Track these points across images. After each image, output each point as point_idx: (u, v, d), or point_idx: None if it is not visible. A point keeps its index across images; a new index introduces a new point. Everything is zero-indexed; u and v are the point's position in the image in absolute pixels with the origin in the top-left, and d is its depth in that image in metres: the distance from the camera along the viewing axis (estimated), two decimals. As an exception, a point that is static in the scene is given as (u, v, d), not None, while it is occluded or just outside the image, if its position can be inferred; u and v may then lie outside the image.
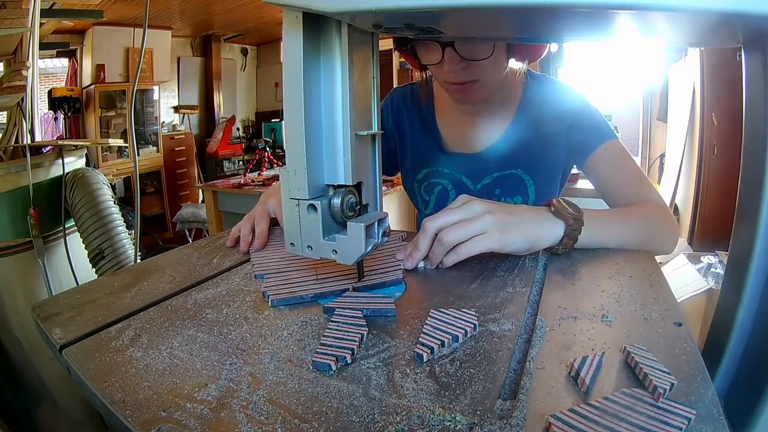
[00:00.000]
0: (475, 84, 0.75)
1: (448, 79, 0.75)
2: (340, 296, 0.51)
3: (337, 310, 0.47)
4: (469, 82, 0.75)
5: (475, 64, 0.72)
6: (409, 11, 0.36)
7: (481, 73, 0.74)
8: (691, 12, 0.31)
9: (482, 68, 0.73)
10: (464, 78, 0.74)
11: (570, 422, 0.30)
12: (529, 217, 0.59)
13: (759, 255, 0.38)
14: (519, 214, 0.59)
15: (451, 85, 0.76)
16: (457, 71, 0.73)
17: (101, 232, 1.75)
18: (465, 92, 0.77)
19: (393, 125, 0.96)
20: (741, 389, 0.39)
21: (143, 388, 0.37)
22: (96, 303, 0.54)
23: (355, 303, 0.49)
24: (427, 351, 0.39)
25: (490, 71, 0.75)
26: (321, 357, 0.39)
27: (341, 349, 0.40)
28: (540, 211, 0.60)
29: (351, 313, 0.46)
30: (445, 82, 0.77)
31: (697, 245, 2.51)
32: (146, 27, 1.60)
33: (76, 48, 4.27)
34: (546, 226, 0.58)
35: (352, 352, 0.40)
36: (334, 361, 0.38)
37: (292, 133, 0.44)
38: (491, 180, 0.87)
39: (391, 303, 0.48)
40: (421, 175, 0.92)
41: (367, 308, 0.48)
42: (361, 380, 0.37)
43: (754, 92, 0.40)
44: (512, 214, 0.58)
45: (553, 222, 0.58)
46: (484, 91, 0.79)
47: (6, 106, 1.90)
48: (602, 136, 0.81)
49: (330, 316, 0.47)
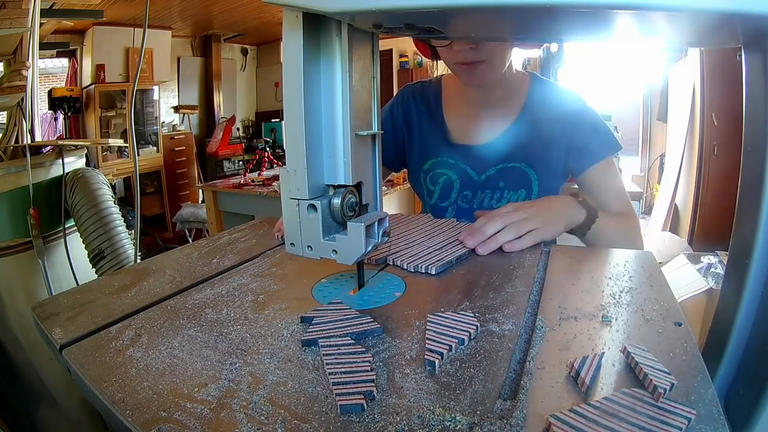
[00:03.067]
0: (483, 64, 0.79)
1: (458, 59, 0.80)
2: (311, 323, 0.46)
3: (320, 341, 0.42)
4: (477, 62, 0.79)
5: (483, 45, 0.77)
6: (409, 11, 0.36)
7: (488, 54, 0.78)
8: (691, 12, 0.31)
9: (489, 49, 0.78)
10: (473, 58, 0.78)
11: (570, 422, 0.30)
12: (560, 206, 0.74)
13: (759, 255, 0.38)
14: (554, 208, 0.73)
15: (460, 66, 0.81)
16: (465, 51, 0.77)
17: (101, 232, 1.75)
18: (473, 72, 0.81)
19: (402, 119, 0.99)
20: (741, 389, 0.39)
21: (143, 388, 0.37)
22: (96, 303, 0.54)
23: (337, 329, 0.44)
24: (437, 357, 0.38)
25: (497, 52, 0.80)
26: (347, 399, 0.34)
27: (361, 383, 0.36)
28: (569, 199, 0.75)
29: (340, 341, 0.42)
30: (455, 63, 0.81)
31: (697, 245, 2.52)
32: (146, 27, 1.59)
33: (76, 48, 4.26)
34: (573, 211, 0.73)
35: (374, 383, 0.36)
36: (363, 398, 0.34)
37: (292, 133, 0.44)
38: (495, 172, 0.90)
39: (373, 323, 0.45)
40: (427, 166, 0.95)
41: (352, 332, 0.44)
42: (361, 380, 0.37)
43: (754, 92, 0.40)
44: (550, 210, 0.71)
45: (578, 209, 0.73)
46: (491, 73, 0.82)
47: (6, 106, 1.90)
48: (604, 150, 0.86)
49: (318, 349, 0.42)
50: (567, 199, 0.75)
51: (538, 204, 0.73)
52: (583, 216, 0.73)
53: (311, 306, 0.50)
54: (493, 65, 0.81)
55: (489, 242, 0.65)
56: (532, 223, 0.67)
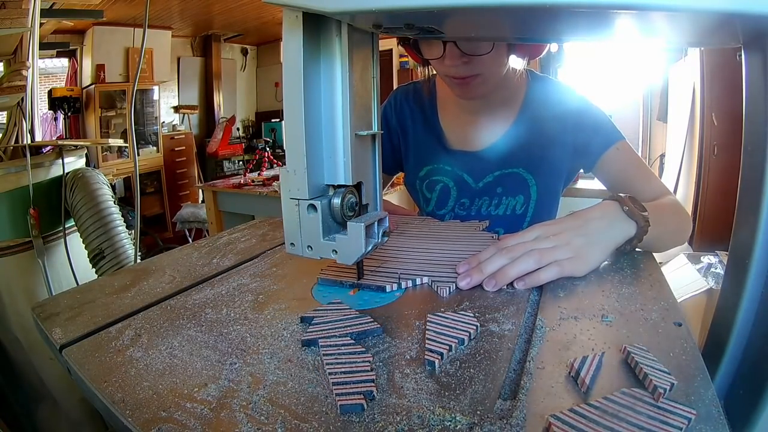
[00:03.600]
0: (477, 79, 0.76)
1: (450, 73, 0.76)
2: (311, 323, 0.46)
3: (320, 341, 0.42)
4: (470, 76, 0.76)
5: (476, 59, 0.73)
6: (409, 11, 0.36)
7: (482, 68, 0.75)
8: (691, 12, 0.31)
9: (483, 63, 0.74)
10: (465, 72, 0.75)
11: (570, 422, 0.30)
12: (602, 227, 0.57)
13: (759, 255, 0.38)
14: (592, 229, 0.56)
15: (453, 79, 0.77)
16: (458, 66, 0.74)
17: (101, 232, 1.75)
18: (466, 87, 0.78)
19: (396, 123, 0.96)
20: (741, 389, 0.39)
21: (143, 388, 0.37)
22: (96, 303, 0.54)
23: (336, 329, 0.44)
24: (437, 357, 0.38)
25: (491, 66, 0.76)
26: (347, 399, 0.34)
27: (361, 383, 0.36)
28: (612, 211, 0.58)
29: (340, 341, 0.42)
30: (447, 76, 0.78)
31: (697, 245, 2.51)
32: (146, 27, 1.59)
33: (76, 48, 4.26)
34: (618, 227, 0.57)
35: (374, 383, 0.36)
36: (363, 398, 0.34)
37: (292, 133, 0.44)
38: (493, 178, 0.87)
39: (373, 323, 0.45)
40: (423, 173, 0.93)
41: (352, 332, 0.44)
42: (361, 380, 0.37)
43: (754, 92, 0.40)
44: (586, 235, 0.55)
45: (626, 222, 0.58)
46: (485, 86, 0.80)
47: (6, 106, 1.90)
48: (611, 137, 0.83)
49: (318, 349, 0.42)
50: (610, 211, 0.58)
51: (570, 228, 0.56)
52: (633, 229, 0.57)
53: (311, 306, 0.50)
54: (486, 79, 0.78)
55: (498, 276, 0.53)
56: (560, 253, 0.54)
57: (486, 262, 0.54)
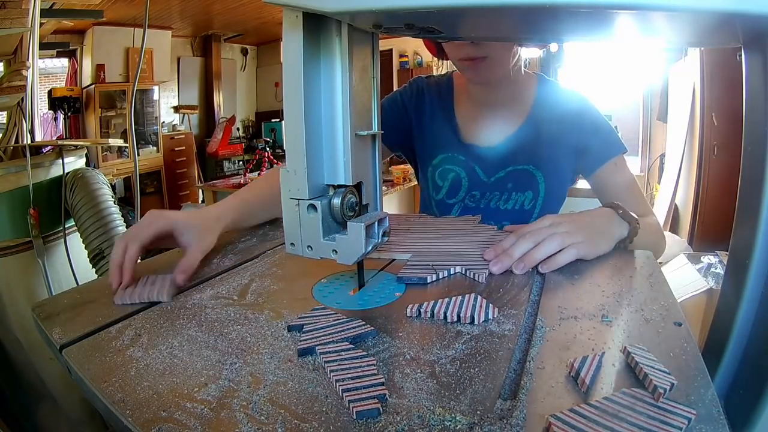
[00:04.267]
0: (486, 61, 0.80)
1: (460, 55, 0.80)
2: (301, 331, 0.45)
3: (318, 349, 0.41)
4: (479, 58, 0.79)
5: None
6: (409, 11, 0.36)
7: (489, 50, 0.79)
8: (691, 12, 0.31)
9: (491, 45, 0.78)
10: (474, 54, 0.79)
11: (570, 422, 0.30)
12: (604, 222, 0.66)
13: (759, 255, 0.38)
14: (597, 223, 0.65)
15: (463, 62, 0.81)
16: (467, 46, 0.78)
17: (101, 232, 1.75)
18: (476, 69, 0.82)
19: (414, 109, 0.99)
20: (741, 389, 0.39)
21: (143, 388, 0.37)
22: (96, 303, 0.54)
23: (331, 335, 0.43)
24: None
25: (499, 49, 0.80)
26: (362, 405, 0.33)
27: (372, 387, 0.35)
28: (610, 212, 0.67)
29: (338, 347, 0.41)
30: (458, 60, 0.82)
31: (697, 245, 2.51)
32: (146, 27, 1.60)
33: (76, 48, 4.27)
34: (617, 224, 0.66)
35: (384, 385, 0.36)
36: (378, 402, 0.34)
37: (292, 133, 0.44)
38: (504, 174, 0.90)
39: (366, 326, 0.45)
40: (437, 160, 0.95)
41: (348, 336, 0.43)
42: (361, 380, 0.37)
43: (754, 92, 0.40)
44: (593, 225, 0.64)
45: (621, 223, 0.66)
46: (495, 70, 0.83)
47: (6, 106, 1.90)
48: (612, 150, 0.87)
49: (315, 357, 0.41)
50: (608, 212, 0.67)
51: (577, 219, 0.64)
52: (626, 230, 0.65)
53: (311, 306, 0.50)
54: (495, 62, 0.81)
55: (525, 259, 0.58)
56: (575, 237, 0.60)
57: (513, 247, 0.59)
